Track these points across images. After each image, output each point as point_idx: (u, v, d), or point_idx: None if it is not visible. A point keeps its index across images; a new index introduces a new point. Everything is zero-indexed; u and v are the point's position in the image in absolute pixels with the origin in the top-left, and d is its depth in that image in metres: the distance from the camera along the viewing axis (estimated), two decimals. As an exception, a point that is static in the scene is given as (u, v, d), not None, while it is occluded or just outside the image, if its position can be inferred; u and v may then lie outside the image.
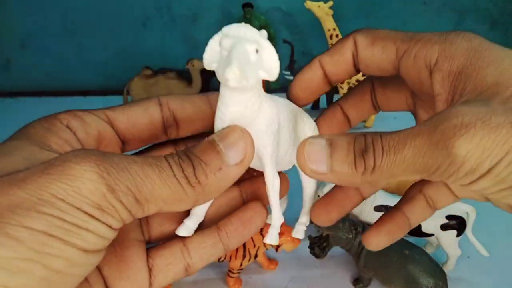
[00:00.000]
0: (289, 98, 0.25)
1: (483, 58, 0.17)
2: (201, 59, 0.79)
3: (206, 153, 0.18)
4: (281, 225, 0.49)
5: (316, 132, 0.26)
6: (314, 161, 0.18)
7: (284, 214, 0.56)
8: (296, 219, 0.31)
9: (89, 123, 0.21)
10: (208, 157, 0.18)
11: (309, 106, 1.03)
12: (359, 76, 0.86)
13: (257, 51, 0.19)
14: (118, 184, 0.15)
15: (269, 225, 0.50)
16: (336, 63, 0.24)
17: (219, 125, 0.20)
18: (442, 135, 0.16)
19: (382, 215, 0.26)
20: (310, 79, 0.25)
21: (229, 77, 0.17)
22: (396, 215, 0.25)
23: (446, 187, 0.24)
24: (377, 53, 0.21)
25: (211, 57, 0.21)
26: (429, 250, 0.52)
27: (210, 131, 0.21)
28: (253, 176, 0.25)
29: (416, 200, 0.25)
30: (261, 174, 0.22)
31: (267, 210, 0.25)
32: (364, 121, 0.94)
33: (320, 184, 0.53)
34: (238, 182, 0.23)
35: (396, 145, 0.16)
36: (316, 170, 0.18)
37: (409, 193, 0.25)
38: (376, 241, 0.25)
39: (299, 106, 0.27)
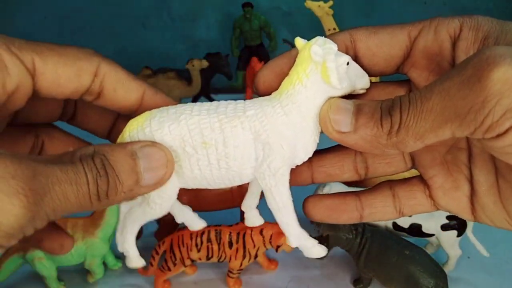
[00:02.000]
0: (255, 83, 0.21)
1: (507, 24, 0.17)
2: (200, 58, 0.81)
3: (124, 172, 0.17)
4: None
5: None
6: (337, 120, 0.17)
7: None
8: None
9: (10, 73, 0.17)
10: (126, 176, 0.17)
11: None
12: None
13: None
14: (40, 213, 0.15)
15: (269, 225, 0.50)
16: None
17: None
18: (474, 68, 0.14)
19: (337, 192, 0.23)
20: (281, 65, 0.21)
21: (368, 86, 0.21)
22: (349, 196, 0.22)
23: (424, 192, 0.21)
24: (385, 39, 0.20)
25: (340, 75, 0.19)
26: (430, 251, 0.52)
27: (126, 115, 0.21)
28: None
29: (380, 191, 0.22)
30: None
31: None
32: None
33: (320, 185, 0.53)
34: None
35: (423, 94, 0.15)
36: (339, 129, 0.17)
37: (378, 185, 0.23)
38: (311, 210, 0.22)
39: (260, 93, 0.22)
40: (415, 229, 0.48)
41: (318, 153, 0.22)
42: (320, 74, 0.20)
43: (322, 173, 0.22)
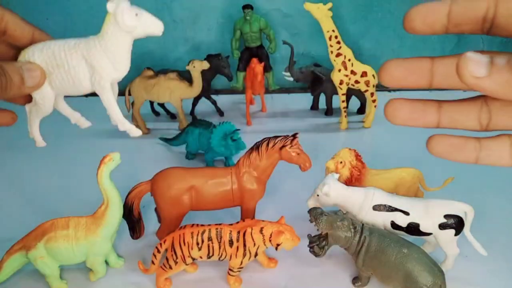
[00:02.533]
0: (404, 20, 0.22)
1: None
2: (201, 60, 0.86)
3: (14, 76, 0.31)
4: (281, 224, 0.50)
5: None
6: (473, 66, 0.18)
7: (284, 213, 0.57)
8: (296, 218, 0.31)
9: None
10: (15, 78, 0.31)
11: (308, 107, 1.03)
12: (358, 77, 0.86)
13: None
14: None
15: (269, 224, 0.50)
16: (466, 7, 0.21)
17: None
18: None
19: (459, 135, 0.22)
20: (432, 10, 0.21)
21: (160, 32, 0.38)
22: (470, 138, 0.22)
23: None
24: None
25: None
26: (428, 249, 0.52)
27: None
28: None
29: (500, 139, 0.22)
30: None
31: None
32: (363, 121, 0.95)
33: (319, 184, 0.53)
34: None
35: None
36: (474, 73, 0.18)
37: (498, 135, 0.22)
38: (434, 146, 0.23)
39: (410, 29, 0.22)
40: (413, 228, 0.49)
41: (448, 101, 0.23)
42: (114, 19, 0.35)
43: (448, 117, 0.23)
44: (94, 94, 1.07)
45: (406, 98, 0.22)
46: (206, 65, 0.86)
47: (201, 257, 0.48)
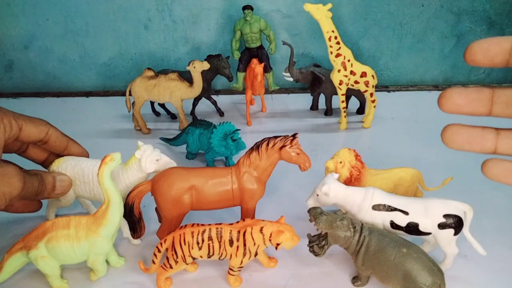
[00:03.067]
0: (466, 53, 0.23)
1: None
2: (201, 60, 0.89)
3: (48, 184, 0.49)
4: (281, 223, 0.50)
5: None
6: None
7: (283, 212, 0.57)
8: (296, 217, 0.31)
9: (13, 129, 0.46)
10: (48, 186, 0.48)
11: (308, 107, 1.04)
12: (358, 77, 0.87)
13: None
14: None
15: (269, 223, 0.51)
16: None
17: None
18: None
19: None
20: (494, 44, 0.22)
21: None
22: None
23: None
24: None
25: None
26: (427, 249, 0.53)
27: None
28: None
29: None
30: None
31: None
32: (362, 122, 0.95)
33: (318, 183, 0.54)
34: None
35: None
36: None
37: None
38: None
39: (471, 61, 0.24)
40: (412, 228, 0.49)
41: (506, 129, 0.24)
42: (139, 163, 0.55)
43: (506, 144, 0.24)
44: (94, 94, 1.10)
45: (463, 124, 0.23)
46: (206, 65, 0.86)
47: (201, 257, 0.48)
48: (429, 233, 0.49)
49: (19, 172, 0.35)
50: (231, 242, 0.47)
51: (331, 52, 0.84)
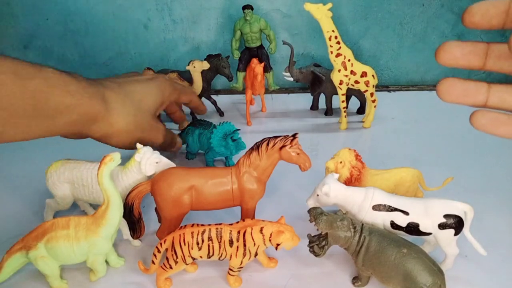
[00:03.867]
0: (464, 14, 0.24)
1: None
2: (201, 60, 0.91)
3: (177, 143, 0.71)
4: (281, 224, 0.50)
5: None
6: None
7: (283, 213, 0.57)
8: (296, 217, 0.31)
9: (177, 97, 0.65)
10: (175, 144, 0.73)
11: (308, 107, 1.04)
12: (358, 77, 0.86)
13: None
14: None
15: (269, 223, 0.50)
16: None
17: None
18: None
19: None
20: (493, 5, 0.23)
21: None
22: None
23: None
24: None
25: None
26: (427, 249, 0.52)
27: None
28: None
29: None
30: None
31: None
32: (363, 122, 0.95)
33: (319, 185, 0.53)
34: None
35: None
36: None
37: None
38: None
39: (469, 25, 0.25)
40: (413, 228, 0.49)
41: (497, 83, 0.25)
42: (139, 166, 0.55)
43: (497, 97, 0.25)
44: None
45: (459, 78, 0.24)
46: (206, 65, 0.86)
47: (201, 257, 0.48)
48: (429, 233, 0.49)
49: (165, 130, 0.56)
50: (231, 243, 0.47)
51: (331, 52, 0.84)
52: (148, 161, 0.54)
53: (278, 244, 0.47)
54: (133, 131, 0.52)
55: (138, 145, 0.56)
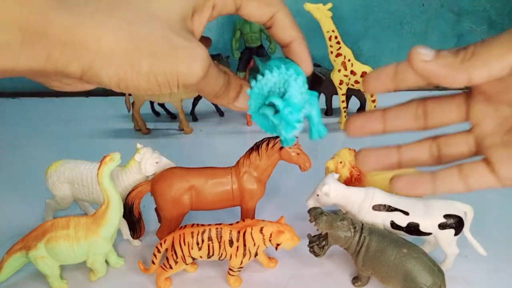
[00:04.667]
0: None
1: None
2: None
3: (233, 91, 0.27)
4: (281, 224, 0.50)
5: None
6: (422, 52, 0.21)
7: (283, 213, 0.57)
8: (296, 217, 0.31)
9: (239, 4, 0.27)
10: (231, 93, 0.27)
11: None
12: (358, 77, 0.87)
13: None
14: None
15: (269, 223, 0.50)
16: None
17: None
18: None
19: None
20: (380, 71, 0.24)
21: None
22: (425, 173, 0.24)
23: (487, 166, 0.22)
24: None
25: None
26: (427, 249, 0.52)
27: None
28: None
29: (448, 168, 0.24)
30: None
31: None
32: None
33: (319, 185, 0.53)
34: None
35: (496, 36, 0.19)
36: (422, 56, 0.21)
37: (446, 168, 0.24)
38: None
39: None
40: (413, 228, 0.49)
41: (405, 144, 0.26)
42: (139, 166, 0.55)
43: (408, 157, 0.26)
44: (94, 94, 1.08)
45: (373, 148, 0.26)
46: (206, 65, 0.86)
47: (201, 257, 0.48)
48: (429, 233, 0.49)
49: (207, 57, 0.24)
50: (231, 243, 0.47)
51: (331, 52, 0.84)
52: (148, 161, 0.54)
53: (278, 244, 0.47)
54: (134, 53, 0.22)
55: (138, 145, 0.56)
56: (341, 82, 0.87)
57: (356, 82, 0.87)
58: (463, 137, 0.25)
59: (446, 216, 0.48)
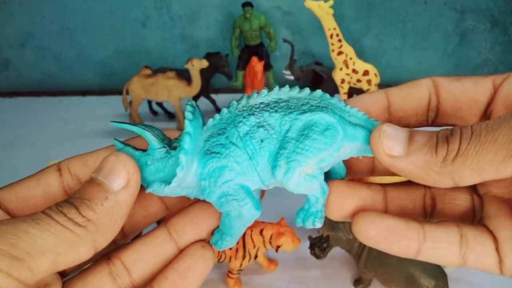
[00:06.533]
0: None
1: None
2: (200, 58, 0.83)
3: (86, 191, 0.17)
4: (282, 225, 0.49)
5: None
6: (389, 144, 0.16)
7: (284, 214, 0.56)
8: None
9: None
10: (89, 193, 0.17)
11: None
12: (360, 76, 0.85)
13: None
14: None
15: (269, 225, 0.49)
16: (407, 96, 0.20)
17: None
18: None
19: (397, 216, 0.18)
20: (372, 102, 0.21)
21: None
22: (412, 222, 0.17)
23: (493, 243, 0.18)
24: (468, 85, 0.19)
25: None
26: (430, 251, 0.52)
27: None
28: (180, 209, 0.21)
29: (446, 226, 0.17)
30: (194, 202, 0.21)
31: (211, 249, 0.20)
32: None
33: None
34: (165, 222, 0.20)
35: (490, 125, 0.14)
36: (390, 152, 0.15)
37: (443, 221, 0.18)
38: (365, 227, 0.18)
39: None
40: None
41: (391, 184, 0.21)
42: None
43: (396, 204, 0.21)
44: (93, 94, 1.07)
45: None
46: (205, 63, 0.85)
47: (200, 259, 0.47)
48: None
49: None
50: (230, 245, 0.46)
51: (333, 50, 0.83)
52: None
53: (278, 246, 0.47)
54: None
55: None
56: (343, 81, 0.86)
57: (358, 80, 0.86)
58: (464, 194, 0.19)
59: (449, 217, 0.47)
